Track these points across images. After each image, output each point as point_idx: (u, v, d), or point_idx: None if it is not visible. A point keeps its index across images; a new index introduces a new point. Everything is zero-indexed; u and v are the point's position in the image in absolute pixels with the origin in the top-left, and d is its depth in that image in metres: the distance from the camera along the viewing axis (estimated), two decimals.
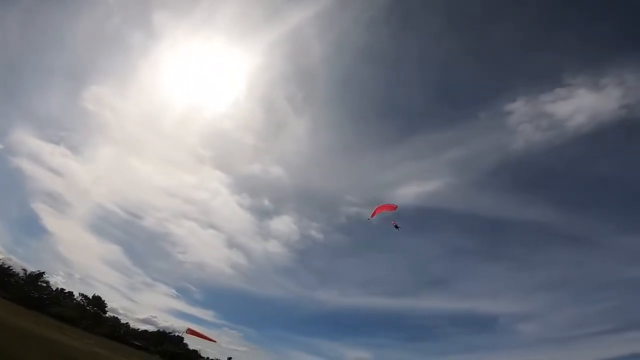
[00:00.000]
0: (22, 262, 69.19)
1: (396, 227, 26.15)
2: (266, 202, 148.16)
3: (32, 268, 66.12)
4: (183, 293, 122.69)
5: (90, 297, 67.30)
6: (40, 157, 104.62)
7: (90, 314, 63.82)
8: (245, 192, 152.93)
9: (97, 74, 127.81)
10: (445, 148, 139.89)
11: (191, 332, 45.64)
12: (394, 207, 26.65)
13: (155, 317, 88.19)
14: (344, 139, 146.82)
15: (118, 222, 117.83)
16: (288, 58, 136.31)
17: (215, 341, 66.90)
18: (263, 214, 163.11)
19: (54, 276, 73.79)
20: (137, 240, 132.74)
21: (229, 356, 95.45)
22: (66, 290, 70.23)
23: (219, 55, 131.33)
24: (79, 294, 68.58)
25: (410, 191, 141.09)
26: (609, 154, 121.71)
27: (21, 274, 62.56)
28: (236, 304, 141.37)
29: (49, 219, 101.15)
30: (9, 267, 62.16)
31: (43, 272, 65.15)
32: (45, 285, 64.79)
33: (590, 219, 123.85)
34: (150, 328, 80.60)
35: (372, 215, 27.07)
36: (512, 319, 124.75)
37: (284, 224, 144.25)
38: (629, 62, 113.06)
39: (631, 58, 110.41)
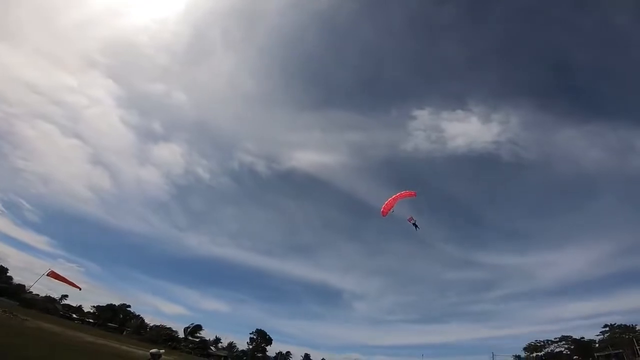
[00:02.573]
0: None
1: (415, 225, 21.34)
2: (156, 125, 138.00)
3: None
4: (11, 209, 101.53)
5: None
6: None
7: None
8: (135, 108, 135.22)
9: None
10: (350, 129, 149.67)
11: (54, 275, 35.01)
12: (414, 194, 21.99)
13: None
14: (264, 90, 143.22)
15: None
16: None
17: (80, 288, 55.27)
18: (148, 136, 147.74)
19: None
20: None
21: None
22: None
23: None
24: None
25: (306, 157, 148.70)
26: (465, 177, 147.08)
27: None
28: (83, 233, 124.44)
29: None
30: None
31: None
32: None
33: (431, 225, 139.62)
34: None
35: (386, 212, 21.34)
36: (352, 296, 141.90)
37: (170, 152, 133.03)
38: (522, 106, 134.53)
39: (525, 104, 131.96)
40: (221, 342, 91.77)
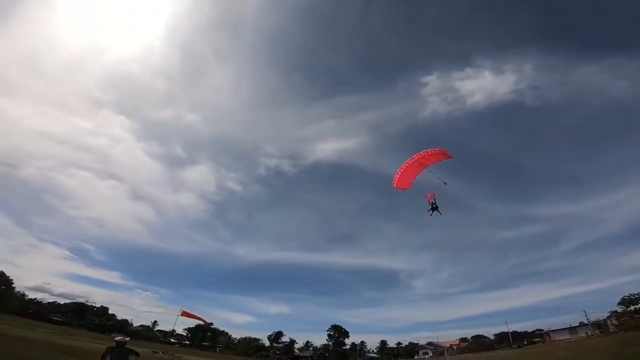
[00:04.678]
0: None
1: (434, 208, 17.00)
2: (179, 151, 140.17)
3: None
4: (79, 254, 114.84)
5: None
6: None
7: None
8: (154, 139, 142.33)
9: None
10: (363, 110, 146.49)
11: (185, 314, 40.48)
12: (450, 155, 15.46)
13: (49, 283, 79.86)
14: (268, 92, 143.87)
15: None
16: (217, 6, 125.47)
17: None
18: (175, 163, 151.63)
19: None
20: (14, 194, 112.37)
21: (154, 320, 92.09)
22: None
23: None
24: None
25: (327, 147, 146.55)
26: (493, 130, 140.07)
27: None
28: (146, 263, 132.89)
29: None
30: None
31: None
32: None
33: (468, 186, 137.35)
34: (44, 297, 71.37)
35: (404, 184, 16.24)
36: (408, 275, 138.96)
37: (199, 174, 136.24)
38: (530, 54, 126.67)
39: (532, 51, 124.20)
40: (296, 343, 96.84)
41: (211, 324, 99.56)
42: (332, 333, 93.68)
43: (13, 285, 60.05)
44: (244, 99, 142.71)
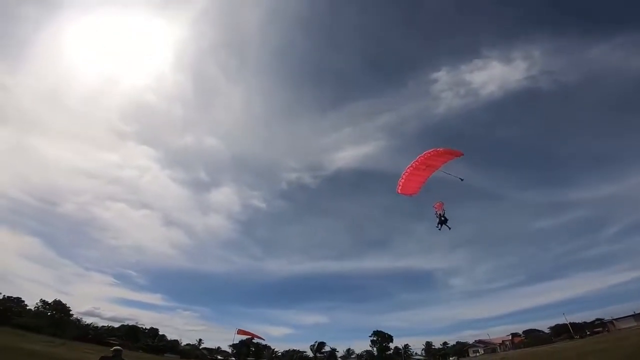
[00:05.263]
0: None
1: (442, 222, 15.97)
2: (202, 175, 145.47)
3: None
4: (123, 279, 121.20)
5: (51, 302, 62.94)
6: None
7: (55, 319, 60.38)
8: (178, 165, 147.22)
9: None
10: (376, 113, 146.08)
11: (242, 332, 42.56)
12: (460, 153, 14.49)
13: (98, 308, 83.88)
14: (280, 106, 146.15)
15: (29, 212, 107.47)
16: (219, 27, 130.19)
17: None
18: (200, 187, 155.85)
19: None
20: (57, 229, 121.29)
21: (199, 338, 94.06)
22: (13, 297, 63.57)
23: (138, 26, 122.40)
24: (40, 300, 63.15)
25: (346, 154, 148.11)
26: (512, 118, 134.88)
27: None
28: (184, 284, 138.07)
29: None
30: None
31: None
32: None
33: (495, 176, 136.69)
34: (94, 320, 75.75)
35: (411, 189, 15.36)
36: (444, 273, 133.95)
37: (224, 195, 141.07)
38: (536, 39, 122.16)
39: (539, 37, 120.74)
40: (337, 351, 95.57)
41: (251, 338, 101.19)
42: (375, 339, 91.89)
43: (71, 312, 64.58)
44: (258, 115, 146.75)
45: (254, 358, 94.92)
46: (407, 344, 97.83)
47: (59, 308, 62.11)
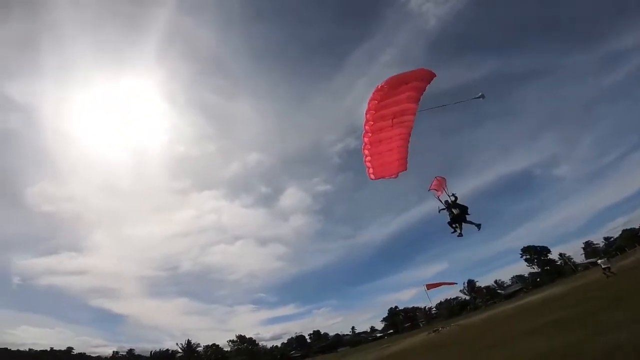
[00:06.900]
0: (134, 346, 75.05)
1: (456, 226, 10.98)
2: (263, 189, 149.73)
3: (147, 347, 72.61)
4: (259, 303, 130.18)
5: (236, 339, 70.96)
6: (54, 269, 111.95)
7: (248, 350, 66.99)
8: (241, 191, 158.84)
9: (25, 177, 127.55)
10: (377, 54, 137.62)
11: (430, 285, 46.24)
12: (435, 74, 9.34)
13: (258, 333, 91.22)
14: (289, 95, 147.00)
15: (165, 281, 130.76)
16: (185, 58, 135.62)
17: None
18: (268, 199, 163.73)
19: (163, 342, 79.76)
20: (190, 284, 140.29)
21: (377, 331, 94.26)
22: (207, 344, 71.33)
23: (127, 96, 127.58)
24: (236, 336, 71.50)
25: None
26: None
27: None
28: (303, 287, 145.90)
29: (113, 306, 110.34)
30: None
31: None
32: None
33: (530, 50, 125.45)
34: (265, 343, 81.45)
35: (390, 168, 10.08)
36: (543, 167, 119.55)
37: (291, 196, 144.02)
38: None
39: None
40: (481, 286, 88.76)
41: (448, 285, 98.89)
42: (529, 257, 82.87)
43: (257, 343, 72.62)
44: (275, 112, 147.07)
45: (410, 323, 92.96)
46: (561, 253, 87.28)
47: (247, 340, 70.28)
